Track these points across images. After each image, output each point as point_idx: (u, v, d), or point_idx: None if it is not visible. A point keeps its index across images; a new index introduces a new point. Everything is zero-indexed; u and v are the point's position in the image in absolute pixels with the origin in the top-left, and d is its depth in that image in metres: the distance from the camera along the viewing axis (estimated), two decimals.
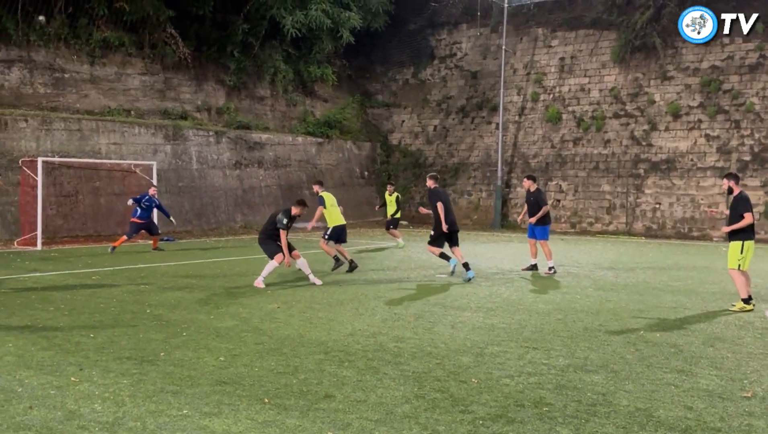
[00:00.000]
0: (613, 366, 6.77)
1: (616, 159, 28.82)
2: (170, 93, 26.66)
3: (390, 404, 5.49)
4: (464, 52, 34.16)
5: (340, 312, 9.57)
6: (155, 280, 12.60)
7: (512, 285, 12.67)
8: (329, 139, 31.73)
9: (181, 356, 6.93)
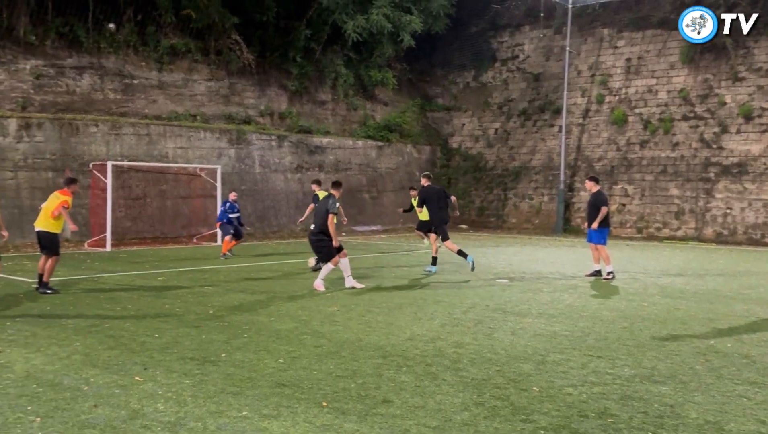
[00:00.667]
0: (682, 377, 6.53)
1: (685, 162, 27.95)
2: (234, 98, 27.16)
3: (448, 411, 5.42)
4: (526, 54, 33.73)
5: (399, 316, 9.53)
6: (218, 282, 12.83)
7: (575, 291, 12.39)
8: (389, 142, 31.79)
9: (242, 357, 7.00)
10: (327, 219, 11.78)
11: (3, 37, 21.34)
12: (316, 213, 12.26)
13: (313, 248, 12.45)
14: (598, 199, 14.24)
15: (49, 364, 6.63)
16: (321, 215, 11.95)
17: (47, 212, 11.30)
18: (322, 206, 12.04)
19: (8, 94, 21.09)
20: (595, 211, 14.16)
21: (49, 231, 11.34)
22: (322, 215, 11.92)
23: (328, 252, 12.01)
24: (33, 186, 20.09)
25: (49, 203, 11.43)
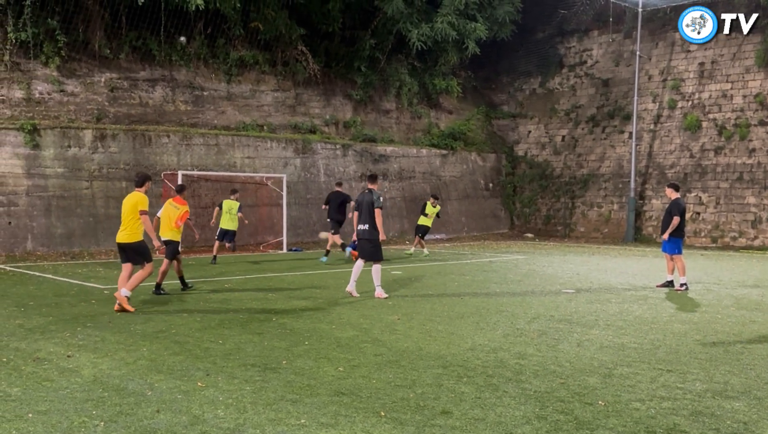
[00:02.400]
0: (757, 393, 6.21)
1: (762, 169, 26.83)
2: (300, 108, 27.54)
3: (509, 424, 5.29)
4: (595, 59, 33.07)
5: (461, 325, 9.41)
6: (282, 289, 12.96)
7: (645, 302, 12.00)
8: (453, 150, 31.63)
9: (302, 365, 7.03)
10: (375, 214, 11.78)
11: (79, 51, 22.22)
12: (361, 210, 12.07)
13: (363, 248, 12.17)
14: (674, 207, 13.76)
15: (116, 369, 6.80)
16: (368, 211, 11.86)
17: (169, 222, 12.18)
18: (368, 202, 11.93)
19: (84, 106, 21.94)
20: (671, 220, 13.70)
21: (171, 239, 12.24)
22: (369, 211, 11.84)
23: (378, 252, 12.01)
24: (108, 195, 20.81)
25: (165, 212, 12.34)
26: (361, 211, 12.07)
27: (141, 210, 10.32)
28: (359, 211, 12.17)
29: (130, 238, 10.40)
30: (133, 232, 10.38)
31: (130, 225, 10.40)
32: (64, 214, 19.96)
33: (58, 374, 6.59)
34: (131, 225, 10.40)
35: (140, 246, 10.51)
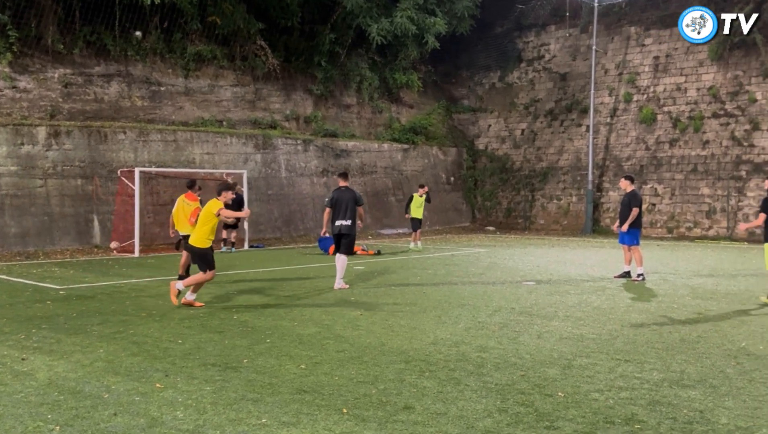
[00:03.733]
0: (712, 381, 6.35)
1: (715, 160, 27.45)
2: (260, 103, 27.30)
3: (471, 418, 5.32)
4: (552, 53, 33.42)
5: (423, 320, 9.44)
6: (244, 286, 12.84)
7: (603, 293, 12.18)
8: (415, 145, 31.69)
9: (264, 363, 6.97)
10: (357, 211, 12.49)
11: (32, 46, 21.67)
12: (341, 206, 12.37)
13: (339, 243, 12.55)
14: (633, 199, 14.00)
15: (72, 372, 6.65)
16: (349, 207, 12.34)
17: (183, 219, 12.98)
18: (350, 198, 12.41)
19: (37, 102, 21.42)
20: (629, 211, 13.92)
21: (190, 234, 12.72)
22: (350, 207, 12.35)
23: (352, 247, 12.74)
24: (63, 193, 20.36)
25: (179, 209, 13.20)
26: (340, 207, 12.37)
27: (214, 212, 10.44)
28: (336, 208, 12.43)
29: (196, 243, 10.55)
30: (200, 238, 10.48)
31: (199, 230, 10.49)
32: (17, 213, 19.47)
33: (12, 377, 6.42)
34: (200, 231, 10.48)
35: (199, 252, 10.57)
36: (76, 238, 20.26)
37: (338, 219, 12.40)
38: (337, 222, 12.42)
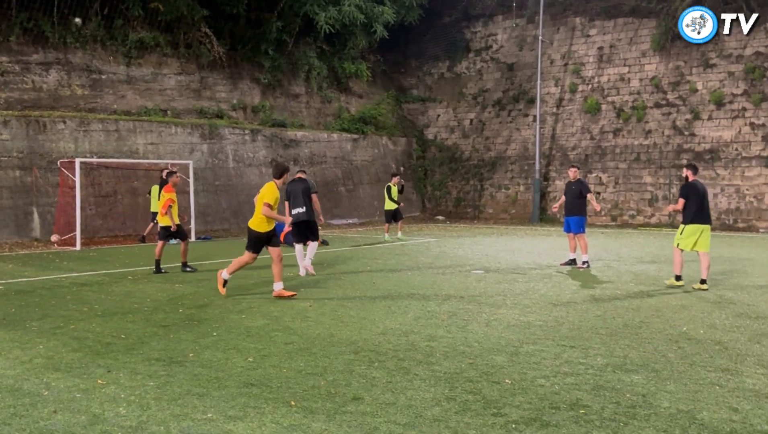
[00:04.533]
0: (654, 366, 6.49)
1: (657, 150, 28.14)
2: (206, 92, 26.83)
3: (419, 407, 5.32)
4: (500, 44, 33.72)
5: (372, 310, 9.43)
6: (191, 279, 12.63)
7: (550, 280, 12.37)
8: (364, 135, 31.63)
9: (210, 357, 6.85)
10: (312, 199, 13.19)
11: None
12: (296, 196, 13.01)
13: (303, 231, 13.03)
14: (584, 188, 14.34)
15: (10, 369, 6.42)
16: (307, 196, 12.96)
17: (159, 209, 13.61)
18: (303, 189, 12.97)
19: None
20: (578, 200, 14.21)
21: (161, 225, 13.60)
22: (308, 196, 12.98)
23: (317, 232, 13.30)
24: (0, 185, 19.66)
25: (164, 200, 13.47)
26: (296, 197, 12.99)
27: (266, 202, 10.15)
28: (290, 199, 13.10)
29: (254, 226, 10.43)
30: (258, 221, 10.35)
31: (257, 213, 10.39)
32: None
33: None
34: (257, 214, 10.39)
35: (255, 235, 10.41)
36: (15, 231, 19.61)
37: (295, 208, 13.02)
38: (294, 211, 13.01)
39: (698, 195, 11.52)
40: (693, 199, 11.51)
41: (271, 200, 10.17)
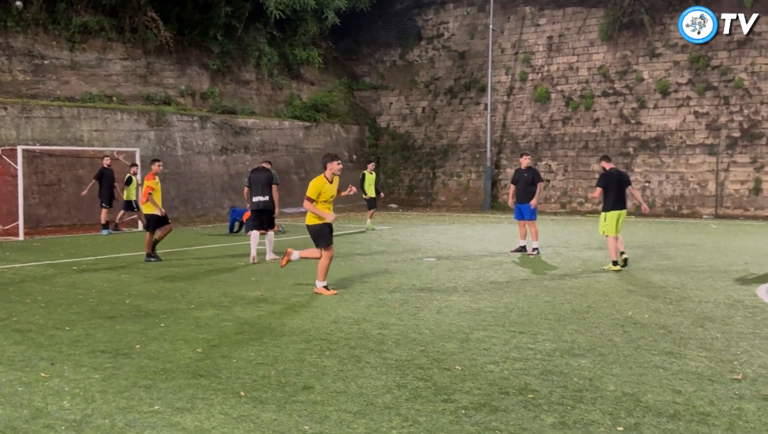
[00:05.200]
0: (601, 350, 6.62)
1: (605, 138, 28.66)
2: (153, 78, 26.27)
3: (370, 394, 5.31)
4: (451, 32, 33.83)
5: (324, 298, 9.39)
6: (137, 269, 12.38)
7: (500, 267, 12.51)
8: (316, 122, 31.42)
9: (158, 348, 6.72)
10: (273, 190, 13.41)
11: None
12: (257, 185, 13.37)
13: (264, 219, 13.46)
14: (537, 176, 14.58)
15: None
16: (269, 185, 13.30)
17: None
18: (266, 178, 13.34)
19: None
20: (531, 187, 14.40)
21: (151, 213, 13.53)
22: (269, 186, 13.31)
23: (274, 221, 13.74)
24: None
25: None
26: (258, 186, 13.35)
27: (307, 195, 9.76)
28: (252, 187, 13.47)
29: (307, 221, 10.05)
30: (311, 215, 9.93)
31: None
32: None
33: None
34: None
35: (313, 230, 9.94)
36: None
37: (256, 196, 13.40)
38: (255, 198, 13.41)
39: (615, 183, 12.14)
40: (611, 188, 12.12)
41: (311, 194, 9.66)
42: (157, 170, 13.71)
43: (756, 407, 4.99)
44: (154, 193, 13.42)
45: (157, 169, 13.74)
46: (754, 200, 25.47)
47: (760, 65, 26.04)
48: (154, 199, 13.43)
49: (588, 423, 4.68)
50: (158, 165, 13.89)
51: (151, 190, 13.34)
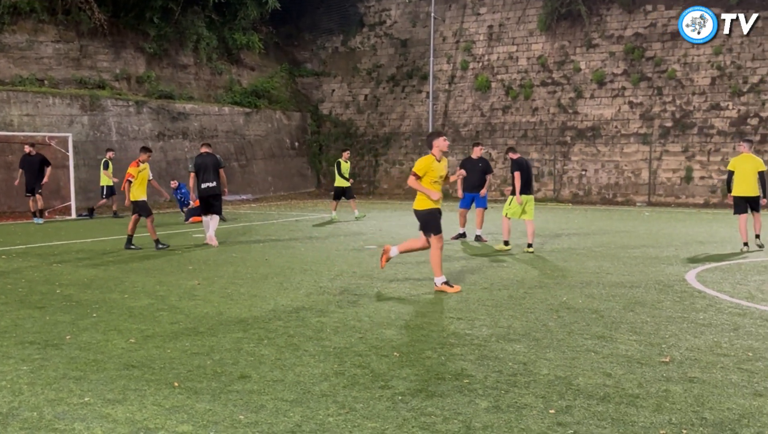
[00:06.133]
0: (536, 334, 6.74)
1: (543, 127, 29.15)
2: (86, 61, 25.47)
3: (308, 383, 5.29)
4: (393, 19, 33.81)
5: (264, 287, 9.30)
6: (69, 258, 12.03)
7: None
8: (257, 109, 31.02)
9: (89, 339, 6.55)
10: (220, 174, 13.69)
11: None
12: (206, 170, 13.53)
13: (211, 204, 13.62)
14: (489, 167, 14.80)
15: None
16: (216, 170, 13.55)
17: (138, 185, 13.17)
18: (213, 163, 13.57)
19: None
20: (484, 177, 14.54)
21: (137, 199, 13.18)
22: (215, 171, 13.55)
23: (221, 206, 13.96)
24: None
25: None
26: (205, 171, 13.55)
27: (413, 171, 8.98)
28: (200, 172, 13.59)
29: (415, 205, 9.29)
30: (419, 198, 9.19)
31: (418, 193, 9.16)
32: None
33: None
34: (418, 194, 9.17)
35: (421, 215, 9.18)
36: None
37: (204, 182, 13.54)
38: (204, 185, 13.55)
39: (524, 170, 12.83)
40: (521, 174, 12.82)
41: (419, 170, 8.95)
42: (143, 159, 13.24)
43: (682, 389, 5.16)
44: (134, 180, 12.96)
45: (144, 157, 13.25)
46: (685, 188, 26.33)
47: (692, 56, 26.86)
48: (131, 189, 13.01)
49: (521, 407, 4.77)
50: (146, 155, 13.32)
51: (131, 178, 12.95)
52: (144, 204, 13.21)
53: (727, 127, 25.97)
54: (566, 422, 4.50)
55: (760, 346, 6.35)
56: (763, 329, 7.01)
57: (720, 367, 5.67)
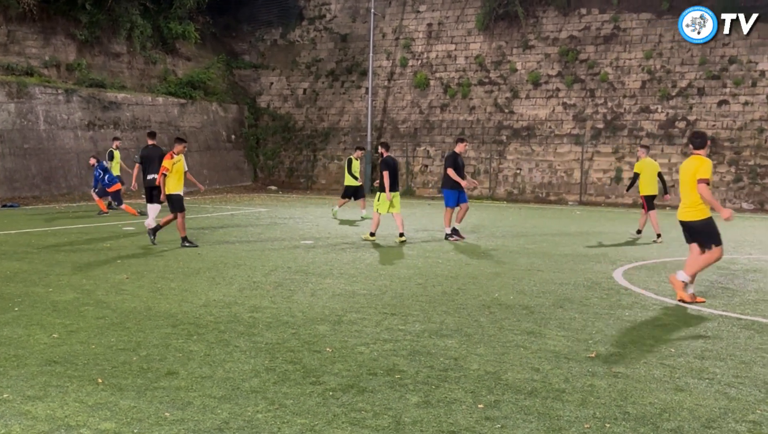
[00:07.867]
0: (467, 330, 6.82)
1: (480, 125, 29.53)
2: (14, 47, 24.50)
3: (237, 379, 5.22)
4: (333, 13, 33.66)
5: (195, 281, 9.13)
6: None
7: (376, 250, 12.63)
8: (193, 100, 30.42)
9: (10, 333, 6.30)
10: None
11: None
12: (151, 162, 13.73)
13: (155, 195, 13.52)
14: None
15: None
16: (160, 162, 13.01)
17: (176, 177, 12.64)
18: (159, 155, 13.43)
19: None
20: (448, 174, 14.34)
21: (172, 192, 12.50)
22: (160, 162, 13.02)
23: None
24: None
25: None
26: (150, 163, 13.74)
27: (699, 178, 8.04)
28: (145, 164, 13.94)
29: (691, 216, 8.28)
30: (694, 208, 8.24)
31: (690, 197, 8.25)
32: None
33: None
34: (691, 198, 8.25)
35: (704, 226, 8.26)
36: None
37: (150, 174, 13.76)
38: (149, 176, 13.81)
39: (392, 169, 13.63)
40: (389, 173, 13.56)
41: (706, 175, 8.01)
42: (178, 150, 12.52)
43: (606, 383, 5.30)
44: (169, 174, 12.34)
45: (178, 149, 12.53)
46: (615, 188, 27.10)
47: (624, 60, 27.65)
48: (166, 182, 12.37)
49: (450, 402, 4.82)
50: (182, 146, 12.60)
51: (165, 171, 12.34)
52: (179, 199, 12.52)
53: (656, 129, 26.84)
54: (494, 416, 4.56)
55: (682, 343, 6.58)
56: (686, 326, 7.28)
57: (643, 363, 5.85)
